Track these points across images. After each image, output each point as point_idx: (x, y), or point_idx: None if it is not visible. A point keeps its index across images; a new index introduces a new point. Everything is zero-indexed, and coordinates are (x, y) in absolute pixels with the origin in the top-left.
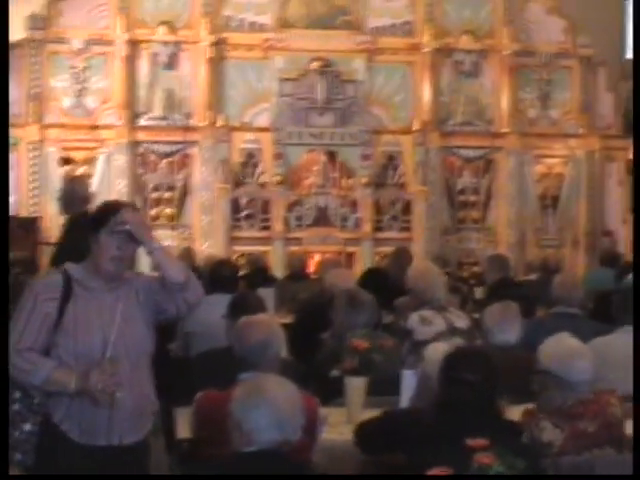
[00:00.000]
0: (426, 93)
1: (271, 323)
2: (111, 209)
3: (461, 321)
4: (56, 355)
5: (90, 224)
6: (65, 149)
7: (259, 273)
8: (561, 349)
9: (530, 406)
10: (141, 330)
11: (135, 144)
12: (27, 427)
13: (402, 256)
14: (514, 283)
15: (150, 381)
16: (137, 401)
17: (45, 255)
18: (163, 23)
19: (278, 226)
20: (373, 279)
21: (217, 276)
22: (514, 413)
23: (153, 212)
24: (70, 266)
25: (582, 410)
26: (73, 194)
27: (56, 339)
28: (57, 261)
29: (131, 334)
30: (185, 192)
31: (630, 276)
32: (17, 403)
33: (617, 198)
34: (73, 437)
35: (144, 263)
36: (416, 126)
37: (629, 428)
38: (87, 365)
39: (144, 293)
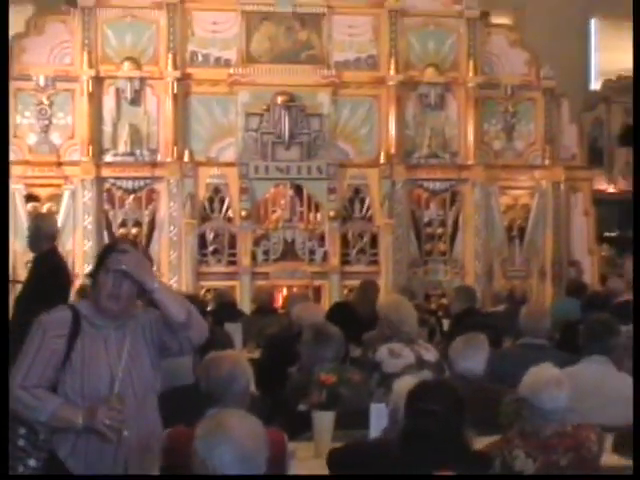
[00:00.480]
0: (391, 126)
1: (237, 358)
2: (107, 249)
3: (429, 354)
4: (62, 392)
5: (93, 266)
6: (30, 186)
7: (226, 308)
8: (536, 377)
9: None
10: (147, 367)
11: (101, 180)
12: (31, 463)
13: (369, 289)
14: (480, 314)
15: (157, 418)
16: (143, 439)
17: (11, 293)
18: (128, 59)
19: (245, 260)
20: (340, 313)
21: None
22: (482, 444)
23: None
24: (79, 303)
25: (557, 442)
26: (39, 232)
27: (63, 376)
28: (23, 299)
29: (137, 371)
30: (152, 228)
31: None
32: (22, 439)
33: (582, 228)
34: (78, 474)
35: None
36: (382, 159)
37: (605, 460)
38: (94, 403)
39: (150, 330)
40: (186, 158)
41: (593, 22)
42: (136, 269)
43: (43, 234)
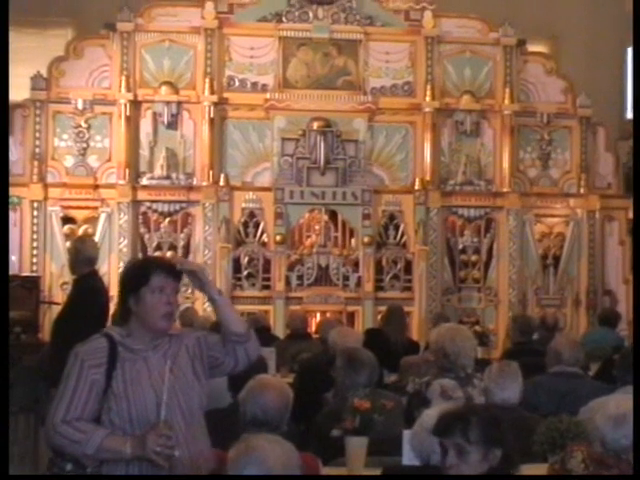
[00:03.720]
0: (427, 153)
1: (284, 384)
2: (151, 267)
3: (481, 398)
4: (108, 420)
5: (129, 286)
6: (67, 208)
7: (260, 332)
8: (610, 414)
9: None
10: (193, 386)
11: (137, 203)
12: None
13: (397, 314)
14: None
15: (206, 438)
16: (194, 458)
17: (46, 314)
18: (165, 83)
19: (279, 285)
20: (372, 339)
21: None
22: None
23: None
24: (111, 329)
25: (614, 462)
26: (79, 255)
27: (108, 404)
28: (62, 321)
29: (183, 390)
30: (187, 251)
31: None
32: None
33: (618, 258)
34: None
35: None
36: (417, 186)
37: None
38: (142, 428)
39: (198, 347)
40: (222, 182)
41: (629, 51)
42: (204, 275)
43: (83, 257)
